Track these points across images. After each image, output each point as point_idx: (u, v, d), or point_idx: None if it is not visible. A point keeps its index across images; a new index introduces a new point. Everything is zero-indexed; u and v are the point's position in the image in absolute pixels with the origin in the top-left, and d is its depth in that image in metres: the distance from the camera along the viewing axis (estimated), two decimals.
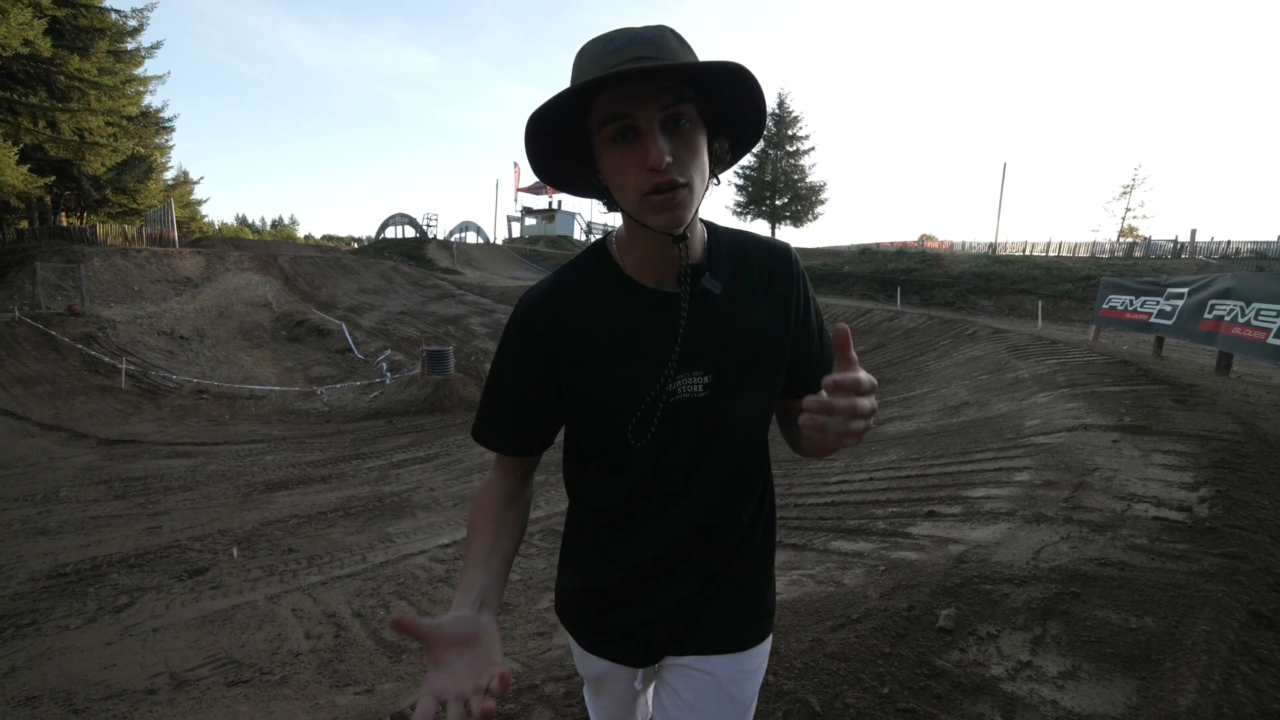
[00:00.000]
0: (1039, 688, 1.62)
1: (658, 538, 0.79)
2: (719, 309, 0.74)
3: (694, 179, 0.65)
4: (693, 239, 0.73)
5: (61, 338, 11.62)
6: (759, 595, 0.84)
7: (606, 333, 0.74)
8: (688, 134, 0.64)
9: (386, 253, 28.36)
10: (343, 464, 6.59)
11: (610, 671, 0.86)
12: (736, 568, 0.82)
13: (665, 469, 0.77)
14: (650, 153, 0.62)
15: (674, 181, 0.63)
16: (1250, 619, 1.81)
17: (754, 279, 0.76)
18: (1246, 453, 3.19)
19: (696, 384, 0.74)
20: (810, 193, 30.62)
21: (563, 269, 0.79)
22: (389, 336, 15.02)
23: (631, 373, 0.73)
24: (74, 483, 6.01)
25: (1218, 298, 6.51)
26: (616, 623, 0.84)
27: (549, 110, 0.62)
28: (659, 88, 0.62)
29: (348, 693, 2.15)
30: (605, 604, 0.84)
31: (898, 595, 2.13)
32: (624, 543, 0.81)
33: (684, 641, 0.82)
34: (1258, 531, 2.34)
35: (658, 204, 0.64)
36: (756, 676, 0.85)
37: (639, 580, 0.81)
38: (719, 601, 0.82)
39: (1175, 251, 24.48)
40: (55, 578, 3.58)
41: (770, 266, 0.77)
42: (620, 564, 0.82)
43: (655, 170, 0.62)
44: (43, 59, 17.05)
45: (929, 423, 5.43)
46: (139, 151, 22.57)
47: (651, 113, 0.62)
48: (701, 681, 0.82)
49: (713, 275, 0.74)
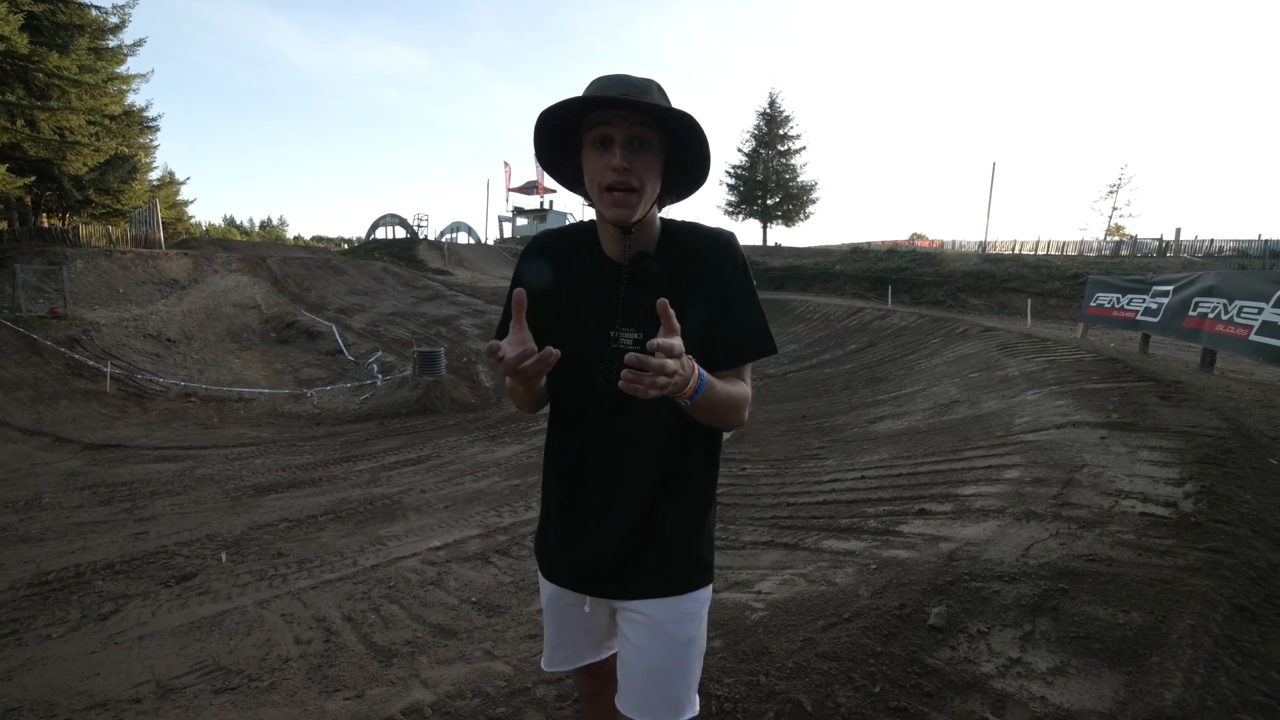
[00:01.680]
0: (1028, 684, 1.64)
1: (595, 475, 0.97)
2: (656, 284, 0.93)
3: (645, 187, 0.87)
4: (641, 232, 0.94)
5: (44, 341, 11.41)
6: (690, 546, 0.97)
7: (574, 281, 0.98)
8: (645, 153, 0.87)
9: (377, 253, 28.13)
10: (333, 467, 6.53)
11: (558, 594, 1.05)
12: (669, 516, 0.96)
13: (604, 413, 0.94)
14: (614, 156, 0.85)
15: (627, 184, 0.86)
16: (1234, 612, 1.84)
17: (689, 262, 0.95)
18: (1230, 448, 3.24)
19: (629, 338, 0.93)
20: (801, 192, 30.75)
21: (570, 226, 1.03)
22: (380, 338, 14.90)
23: (580, 320, 0.96)
24: (57, 488, 5.90)
25: (1202, 295, 6.61)
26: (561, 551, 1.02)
27: (555, 110, 0.86)
28: (631, 117, 0.85)
29: (337, 698, 2.12)
30: (553, 533, 1.03)
31: (889, 594, 2.14)
32: (571, 478, 1.00)
33: (625, 584, 0.97)
34: (1240, 526, 2.37)
35: (611, 200, 0.86)
36: (693, 620, 0.97)
37: (580, 512, 0.99)
38: (654, 550, 0.96)
39: (1160, 250, 24.83)
40: (37, 586, 3.51)
41: (705, 252, 0.95)
42: (567, 498, 1.01)
43: (614, 170, 0.85)
44: (20, 55, 16.71)
45: (920, 421, 5.46)
46: (122, 151, 22.19)
47: (622, 130, 0.85)
48: (642, 623, 0.96)
49: (655, 259, 0.95)
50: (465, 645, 2.46)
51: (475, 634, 2.58)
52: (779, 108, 30.41)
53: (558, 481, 1.02)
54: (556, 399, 1.00)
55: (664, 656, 0.96)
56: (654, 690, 0.97)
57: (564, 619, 1.06)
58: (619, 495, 0.96)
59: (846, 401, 7.18)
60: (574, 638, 1.07)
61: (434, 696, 1.96)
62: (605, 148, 0.86)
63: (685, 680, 0.98)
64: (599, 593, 1.00)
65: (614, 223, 0.88)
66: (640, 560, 0.96)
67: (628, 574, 0.96)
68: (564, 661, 1.10)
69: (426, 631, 2.66)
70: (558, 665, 1.10)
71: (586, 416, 0.96)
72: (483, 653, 2.32)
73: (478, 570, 3.39)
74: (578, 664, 1.10)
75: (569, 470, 1.00)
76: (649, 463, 0.94)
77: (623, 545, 0.96)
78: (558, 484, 1.02)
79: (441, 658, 2.36)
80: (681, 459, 0.96)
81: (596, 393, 0.93)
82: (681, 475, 0.96)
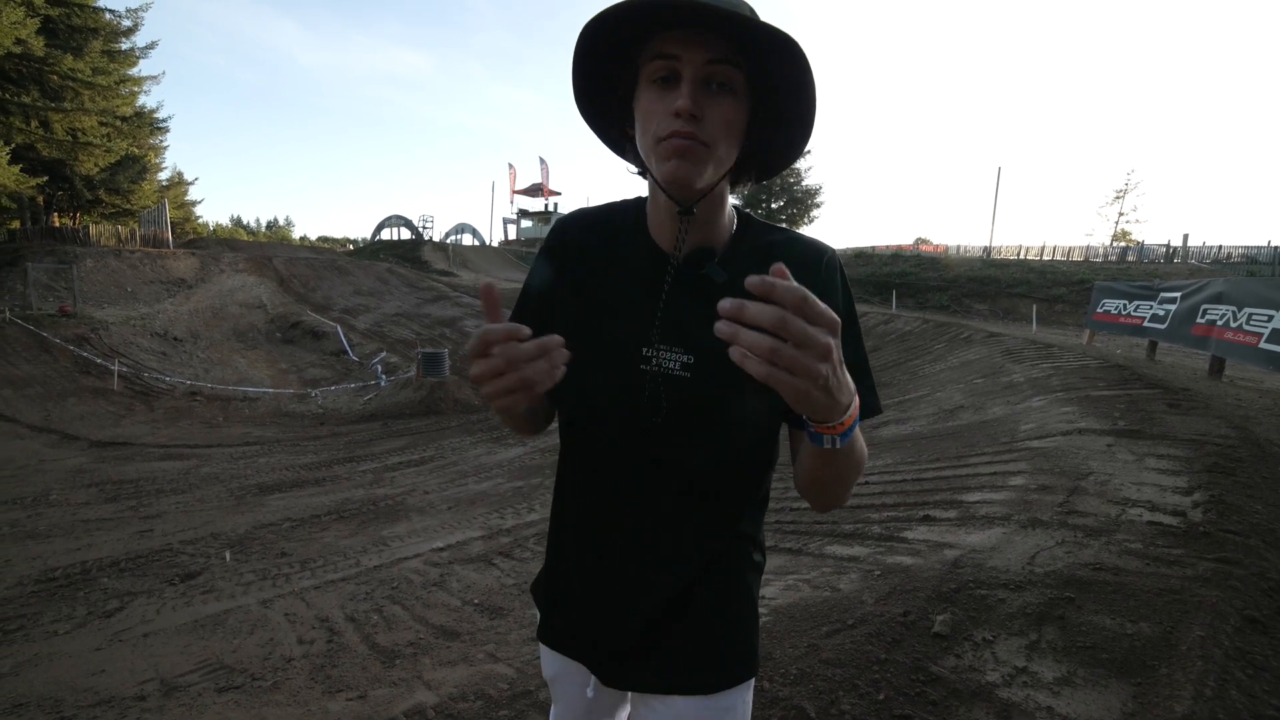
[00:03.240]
0: (1035, 694, 1.62)
1: (618, 536, 0.73)
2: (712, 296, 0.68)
3: (717, 144, 0.62)
4: (707, 219, 0.69)
5: (53, 339, 11.52)
6: (733, 634, 0.75)
7: (606, 277, 0.73)
8: (725, 99, 0.61)
9: (382, 254, 28.28)
10: (337, 467, 6.55)
11: (563, 672, 0.82)
12: (708, 594, 0.73)
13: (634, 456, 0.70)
14: (682, 98, 0.59)
15: (693, 134, 0.60)
16: (1244, 624, 1.81)
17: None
18: (1240, 457, 3.21)
19: (675, 361, 0.69)
20: (806, 196, 30.74)
21: (608, 205, 0.79)
22: (384, 338, 14.97)
23: (609, 329, 0.71)
24: (64, 485, 5.95)
25: (1210, 302, 6.56)
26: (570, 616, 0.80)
27: (608, 19, 0.59)
28: (709, 39, 0.60)
29: (340, 699, 2.12)
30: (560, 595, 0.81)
31: (893, 600, 2.12)
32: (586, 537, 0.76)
33: (646, 673, 0.75)
34: (1251, 536, 2.35)
35: (669, 149, 0.61)
36: (729, 715, 0.76)
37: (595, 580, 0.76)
38: (684, 633, 0.73)
39: (1168, 256, 24.70)
40: (44, 582, 3.54)
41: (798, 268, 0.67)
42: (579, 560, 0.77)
43: (679, 115, 0.60)
44: (35, 58, 16.96)
45: (924, 426, 5.44)
46: (133, 152, 22.44)
47: (696, 61, 0.60)
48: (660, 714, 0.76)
49: (721, 264, 0.69)
50: (468, 647, 2.46)
51: (478, 636, 2.58)
52: None
53: (572, 536, 0.78)
54: (574, 431, 0.76)
55: None
56: None
57: (570, 696, 0.84)
58: (647, 566, 0.73)
59: None
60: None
61: (437, 698, 1.96)
62: (669, 86, 0.61)
63: None
64: (609, 678, 0.77)
65: (668, 184, 0.63)
66: (667, 645, 0.73)
67: (650, 660, 0.74)
68: None
69: (429, 633, 2.66)
70: None
71: (611, 458, 0.72)
72: (485, 655, 2.32)
73: (480, 572, 3.39)
74: None
75: (584, 527, 0.76)
76: (692, 527, 0.71)
77: (648, 626, 0.73)
78: (572, 539, 0.78)
79: (444, 659, 2.36)
80: (736, 523, 0.73)
81: (626, 428, 0.70)
82: (733, 543, 0.74)
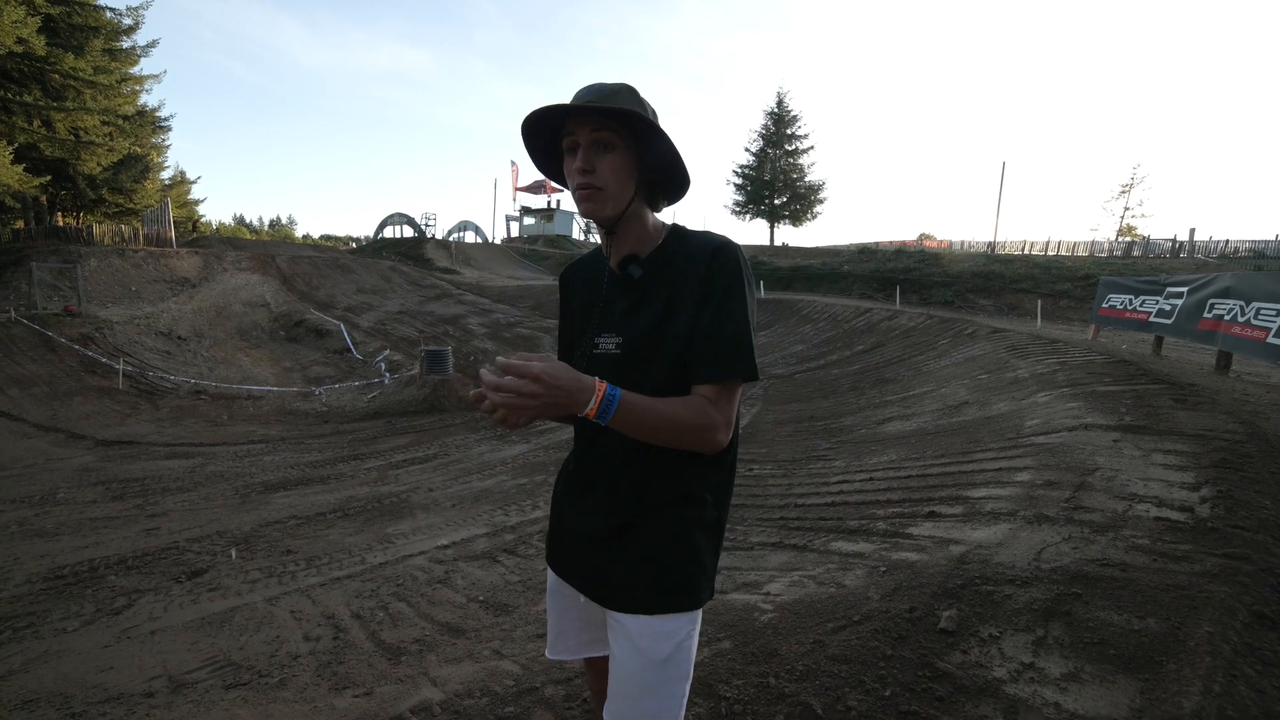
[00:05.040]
0: (1041, 690, 1.62)
1: (587, 472, 1.00)
2: (637, 289, 0.95)
3: (610, 186, 0.90)
4: (630, 234, 0.96)
5: (58, 338, 11.57)
6: (669, 566, 0.93)
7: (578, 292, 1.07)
8: (610, 155, 0.90)
9: (385, 252, 28.29)
10: (341, 465, 6.57)
11: (557, 582, 1.09)
12: (648, 532, 0.94)
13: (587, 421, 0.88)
14: (577, 161, 0.90)
15: (590, 185, 0.90)
16: (1253, 620, 1.80)
17: (678, 270, 0.93)
18: (1247, 452, 3.19)
19: (611, 343, 0.96)
20: (809, 192, 30.63)
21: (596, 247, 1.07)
22: (387, 336, 14.99)
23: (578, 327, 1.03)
24: (71, 484, 5.98)
25: (1217, 297, 6.51)
26: (558, 536, 1.07)
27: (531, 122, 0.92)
28: (592, 120, 0.89)
29: (346, 695, 2.13)
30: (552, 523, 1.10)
31: (899, 596, 2.12)
32: (564, 481, 1.08)
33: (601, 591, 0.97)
34: (1260, 532, 2.33)
35: (578, 197, 0.92)
36: (669, 640, 0.92)
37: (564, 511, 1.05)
38: (632, 561, 0.94)
39: (1174, 250, 24.52)
40: (52, 580, 3.56)
41: (697, 256, 0.92)
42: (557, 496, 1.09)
43: (577, 171, 0.90)
44: (37, 57, 16.95)
45: (929, 422, 5.42)
46: (135, 151, 22.47)
47: (585, 134, 0.89)
48: (619, 632, 0.95)
49: (640, 264, 0.95)
50: (473, 644, 2.46)
51: (483, 633, 2.59)
52: (787, 107, 30.31)
53: (561, 480, 1.10)
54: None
55: (637, 671, 0.93)
56: (630, 704, 0.94)
57: (563, 607, 1.09)
58: (596, 504, 0.97)
59: (854, 402, 7.14)
60: (575, 628, 1.09)
61: (443, 695, 1.97)
62: (574, 153, 0.91)
63: (662, 703, 0.93)
64: (580, 588, 1.02)
65: (585, 216, 0.93)
66: (615, 572, 0.95)
67: (604, 582, 0.97)
68: (564, 650, 1.10)
69: (435, 630, 2.67)
70: (559, 653, 1.11)
71: (582, 423, 0.99)
72: (491, 651, 2.33)
73: (485, 569, 3.40)
74: (580, 655, 1.11)
75: (565, 474, 1.08)
76: (628, 476, 0.94)
77: (598, 554, 0.97)
78: (560, 481, 1.10)
79: (450, 656, 2.36)
80: (664, 476, 0.93)
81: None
82: (666, 492, 0.93)
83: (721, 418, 0.87)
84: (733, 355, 0.87)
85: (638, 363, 0.93)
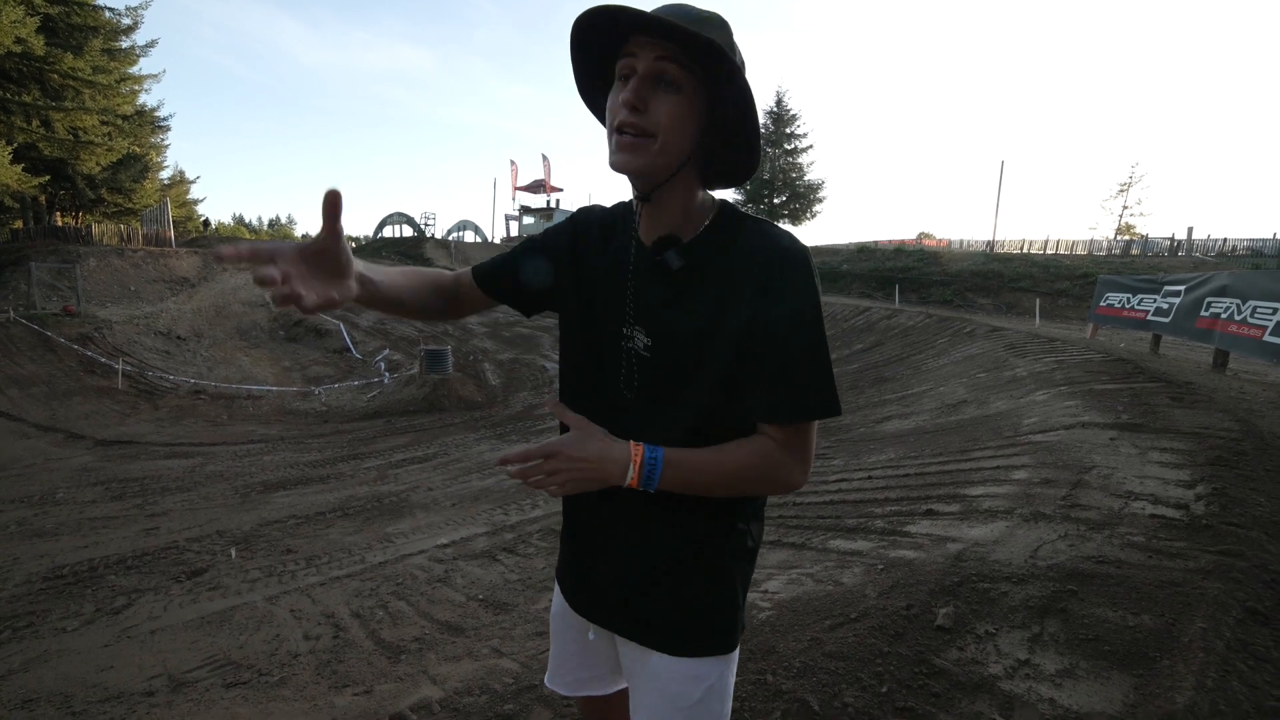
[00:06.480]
0: (1037, 686, 1.63)
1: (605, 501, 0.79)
2: (674, 280, 0.75)
3: (663, 136, 0.68)
4: (669, 208, 0.75)
5: (57, 338, 11.56)
6: (707, 606, 0.80)
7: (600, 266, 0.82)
8: (670, 95, 0.68)
9: (384, 252, 28.28)
10: (341, 464, 6.58)
11: (564, 609, 0.93)
12: (687, 566, 0.79)
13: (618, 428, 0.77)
14: (625, 92, 0.68)
15: (637, 126, 0.68)
16: (1246, 616, 1.82)
17: (729, 268, 0.73)
18: (1243, 450, 3.21)
19: (641, 341, 0.77)
20: (808, 191, 30.63)
21: (621, 203, 0.87)
22: (387, 336, 14.99)
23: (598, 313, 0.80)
24: (71, 484, 5.99)
25: (1214, 295, 6.53)
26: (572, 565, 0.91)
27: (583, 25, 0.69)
28: (663, 42, 0.67)
29: (346, 694, 2.14)
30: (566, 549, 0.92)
31: (896, 594, 2.13)
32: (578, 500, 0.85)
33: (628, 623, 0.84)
34: (1254, 529, 2.34)
35: (617, 142, 0.69)
36: (700, 684, 0.79)
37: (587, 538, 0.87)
38: (662, 599, 0.80)
39: (1172, 249, 24.54)
40: (52, 579, 3.56)
41: (753, 262, 0.71)
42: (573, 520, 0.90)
43: (624, 105, 0.67)
44: (36, 57, 16.94)
45: (927, 421, 5.44)
46: (134, 151, 22.45)
47: (647, 57, 0.67)
48: (643, 668, 0.84)
49: (680, 251, 0.74)
50: (473, 642, 2.47)
51: (483, 631, 2.60)
52: (785, 106, 30.29)
53: (569, 505, 0.90)
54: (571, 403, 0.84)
55: (663, 714, 0.81)
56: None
57: (567, 638, 0.95)
58: (627, 532, 0.81)
59: (853, 401, 7.15)
60: (576, 664, 0.95)
61: (442, 693, 1.97)
62: (626, 81, 0.69)
63: None
64: (603, 623, 0.87)
65: (615, 169, 0.70)
66: (646, 605, 0.81)
67: (631, 614, 0.83)
68: (561, 684, 0.98)
69: (434, 628, 2.68)
70: (557, 686, 0.98)
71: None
72: (490, 650, 2.34)
73: (485, 568, 3.41)
74: (579, 693, 0.97)
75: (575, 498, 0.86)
76: (663, 503, 0.76)
77: (628, 586, 0.82)
78: (569, 507, 0.90)
79: (449, 655, 2.37)
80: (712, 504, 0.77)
81: (610, 402, 0.79)
82: (708, 521, 0.78)
83: (798, 461, 0.72)
84: (809, 389, 0.70)
85: (673, 371, 0.75)
